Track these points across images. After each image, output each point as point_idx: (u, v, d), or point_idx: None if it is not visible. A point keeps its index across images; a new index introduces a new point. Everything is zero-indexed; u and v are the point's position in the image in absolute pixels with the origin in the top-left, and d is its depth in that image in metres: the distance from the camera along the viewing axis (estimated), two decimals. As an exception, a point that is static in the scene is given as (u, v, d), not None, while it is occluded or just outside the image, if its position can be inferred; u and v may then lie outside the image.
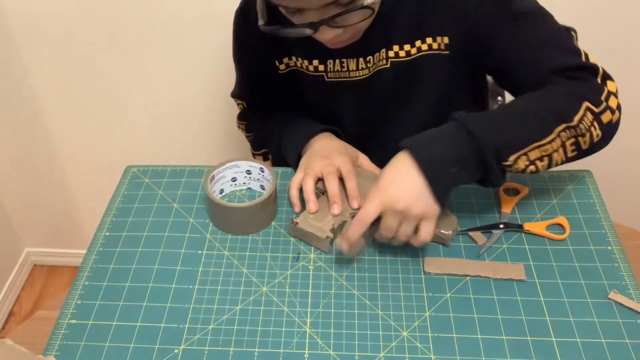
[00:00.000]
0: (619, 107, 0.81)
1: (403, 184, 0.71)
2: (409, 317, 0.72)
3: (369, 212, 0.72)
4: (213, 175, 0.85)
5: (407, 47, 0.88)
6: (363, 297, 0.74)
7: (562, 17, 1.02)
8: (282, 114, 1.00)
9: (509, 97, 1.09)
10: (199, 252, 0.81)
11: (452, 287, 0.75)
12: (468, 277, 0.76)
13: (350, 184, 0.83)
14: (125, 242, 0.82)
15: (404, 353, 0.68)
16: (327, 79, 0.92)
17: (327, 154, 0.87)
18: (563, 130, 0.75)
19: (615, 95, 0.81)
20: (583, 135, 0.77)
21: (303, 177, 0.85)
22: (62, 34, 1.32)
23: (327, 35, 0.77)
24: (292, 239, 0.82)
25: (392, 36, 0.87)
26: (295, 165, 0.91)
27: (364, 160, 0.92)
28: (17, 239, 1.79)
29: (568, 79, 0.80)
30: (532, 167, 0.74)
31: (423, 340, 0.69)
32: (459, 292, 0.75)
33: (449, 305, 0.73)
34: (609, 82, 0.82)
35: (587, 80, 0.80)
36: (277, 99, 1.02)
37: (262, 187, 0.89)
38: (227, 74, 1.29)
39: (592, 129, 0.77)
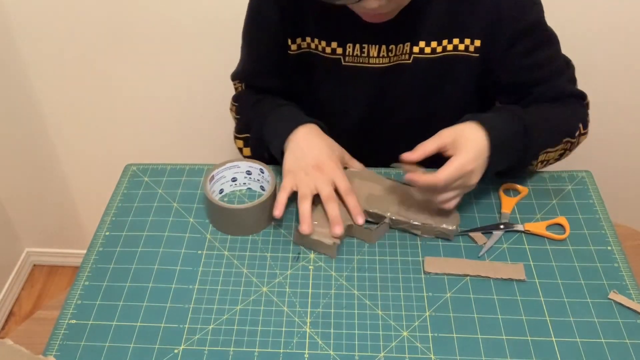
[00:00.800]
0: (587, 133, 0.94)
1: (480, 156, 0.77)
2: (409, 317, 0.72)
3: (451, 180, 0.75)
4: (213, 175, 0.85)
5: (434, 44, 0.88)
6: (363, 297, 0.74)
7: (561, 17, 1.02)
8: (272, 100, 0.96)
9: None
10: (199, 252, 0.81)
11: (452, 287, 0.75)
12: (468, 277, 0.76)
13: (352, 202, 0.81)
14: (125, 242, 0.82)
15: (404, 353, 0.68)
16: (343, 63, 0.91)
17: (317, 163, 0.83)
18: (565, 142, 0.87)
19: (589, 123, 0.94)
20: (570, 150, 0.91)
21: (299, 198, 0.80)
22: (61, 32, 1.32)
23: (372, 4, 0.75)
24: (292, 239, 0.82)
25: (420, 30, 0.87)
26: (278, 155, 0.87)
27: (349, 160, 0.90)
28: (17, 239, 1.79)
29: (579, 100, 0.93)
30: (533, 167, 0.88)
31: (423, 340, 0.69)
32: (459, 292, 0.75)
33: (449, 305, 0.73)
34: (589, 112, 0.94)
35: (583, 107, 0.93)
36: (280, 81, 0.98)
37: (262, 187, 0.89)
38: (228, 73, 1.29)
39: (574, 146, 0.91)
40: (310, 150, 0.85)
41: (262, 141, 0.92)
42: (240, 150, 1.00)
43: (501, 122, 0.80)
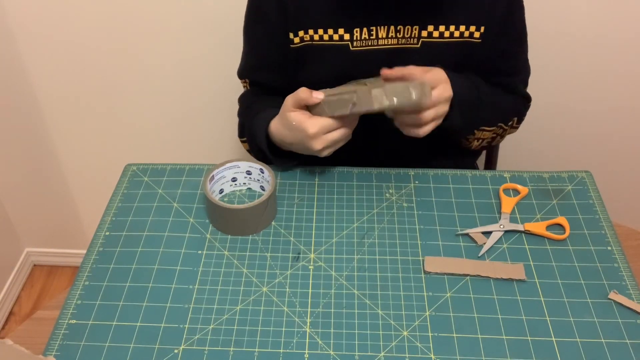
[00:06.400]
0: (517, 128, 1.03)
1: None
2: (409, 317, 0.72)
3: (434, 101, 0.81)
4: (213, 175, 0.85)
5: (442, 28, 0.89)
6: (363, 297, 0.74)
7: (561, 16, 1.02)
8: (257, 105, 0.97)
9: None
10: (199, 252, 0.81)
11: (452, 287, 0.75)
12: (468, 277, 0.76)
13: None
14: (125, 242, 0.82)
15: (404, 353, 0.68)
16: (352, 48, 0.91)
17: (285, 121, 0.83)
18: (498, 126, 0.97)
19: None
20: (501, 136, 1.00)
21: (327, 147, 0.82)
22: (61, 32, 1.32)
23: None
24: (292, 238, 0.82)
25: (429, 14, 0.88)
26: (269, 154, 0.89)
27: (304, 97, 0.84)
28: (17, 239, 1.79)
29: (524, 100, 1.03)
30: (470, 144, 0.98)
31: (423, 340, 0.69)
32: (459, 292, 0.75)
33: (449, 305, 0.73)
34: (527, 112, 1.04)
35: (525, 107, 1.03)
36: (282, 76, 0.98)
37: (262, 187, 0.89)
38: (228, 73, 1.29)
39: (505, 132, 1.00)
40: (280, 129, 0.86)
41: (259, 150, 0.93)
42: (249, 151, 1.01)
43: (464, 86, 0.87)
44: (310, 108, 0.82)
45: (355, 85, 0.84)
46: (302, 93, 0.81)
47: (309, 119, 0.81)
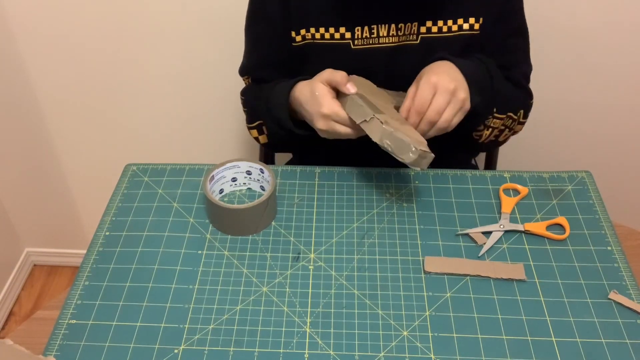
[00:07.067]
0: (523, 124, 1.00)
1: (445, 70, 0.81)
2: (409, 317, 0.72)
3: (425, 96, 0.80)
4: (213, 175, 0.85)
5: (440, 23, 0.89)
6: (363, 297, 0.74)
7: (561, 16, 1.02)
8: (271, 83, 0.97)
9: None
10: (199, 252, 0.81)
11: (452, 287, 0.75)
12: (468, 277, 0.76)
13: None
14: (125, 242, 0.82)
15: (404, 353, 0.68)
16: (353, 47, 0.92)
17: (311, 93, 0.85)
18: (508, 116, 0.94)
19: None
20: (509, 129, 0.97)
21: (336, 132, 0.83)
22: (61, 32, 1.32)
23: None
24: (292, 238, 0.82)
25: (428, 10, 0.88)
26: (289, 123, 0.90)
27: (338, 78, 0.86)
28: (17, 239, 1.79)
29: (525, 94, 0.99)
30: (482, 135, 0.95)
31: (423, 340, 0.69)
32: (459, 292, 0.75)
33: (449, 305, 0.73)
34: (530, 109, 1.01)
35: (528, 102, 1.00)
36: (284, 74, 0.98)
37: (262, 187, 0.89)
38: (228, 72, 1.29)
39: (509, 130, 0.97)
40: (303, 93, 0.87)
41: (274, 120, 0.93)
42: (257, 139, 1.02)
43: (472, 67, 0.85)
44: (338, 91, 0.85)
45: (386, 103, 0.85)
46: (340, 77, 0.83)
47: (330, 100, 0.83)
